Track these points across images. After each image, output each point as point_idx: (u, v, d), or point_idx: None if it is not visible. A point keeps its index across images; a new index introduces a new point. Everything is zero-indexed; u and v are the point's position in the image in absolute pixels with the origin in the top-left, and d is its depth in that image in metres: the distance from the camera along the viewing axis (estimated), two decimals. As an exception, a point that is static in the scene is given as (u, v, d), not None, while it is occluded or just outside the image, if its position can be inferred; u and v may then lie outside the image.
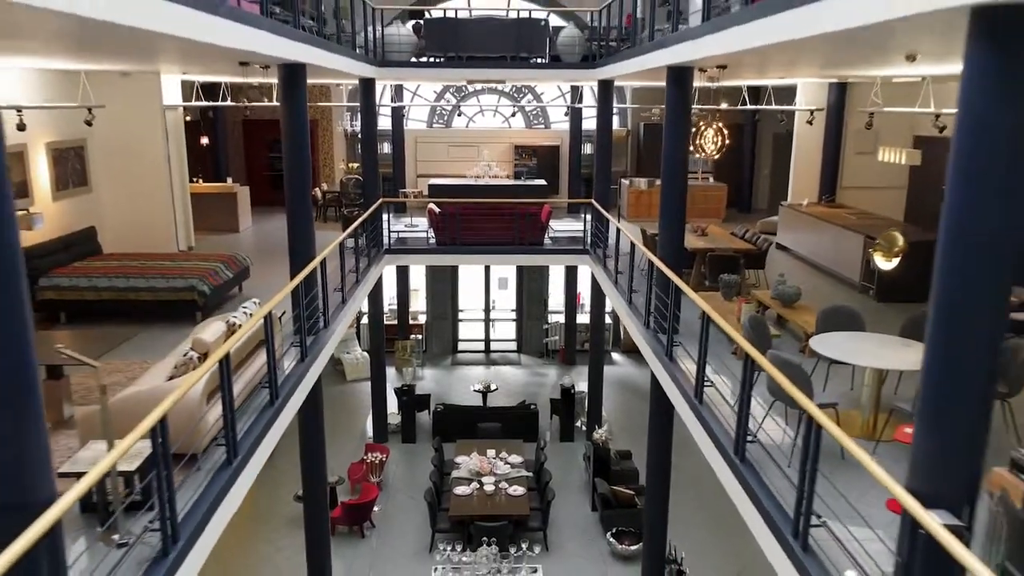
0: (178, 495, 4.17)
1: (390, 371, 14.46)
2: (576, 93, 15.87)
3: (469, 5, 17.26)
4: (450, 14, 12.50)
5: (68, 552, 3.25)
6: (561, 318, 16.06)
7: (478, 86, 16.90)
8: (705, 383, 6.08)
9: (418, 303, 16.85)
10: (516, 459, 11.04)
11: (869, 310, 8.76)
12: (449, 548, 9.20)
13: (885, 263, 5.86)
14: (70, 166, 10.30)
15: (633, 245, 8.67)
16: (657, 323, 7.68)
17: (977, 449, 3.08)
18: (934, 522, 2.88)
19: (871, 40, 4.72)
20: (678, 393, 6.65)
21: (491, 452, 11.14)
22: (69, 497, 3.01)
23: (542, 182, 15.47)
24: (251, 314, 6.25)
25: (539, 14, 12.96)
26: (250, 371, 5.99)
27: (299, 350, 6.92)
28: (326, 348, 7.70)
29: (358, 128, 16.98)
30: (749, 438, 5.14)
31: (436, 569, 9.00)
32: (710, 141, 10.68)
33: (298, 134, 7.00)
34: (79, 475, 3.42)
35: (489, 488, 10.20)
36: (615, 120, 14.74)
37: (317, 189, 15.64)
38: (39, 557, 2.82)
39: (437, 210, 12.32)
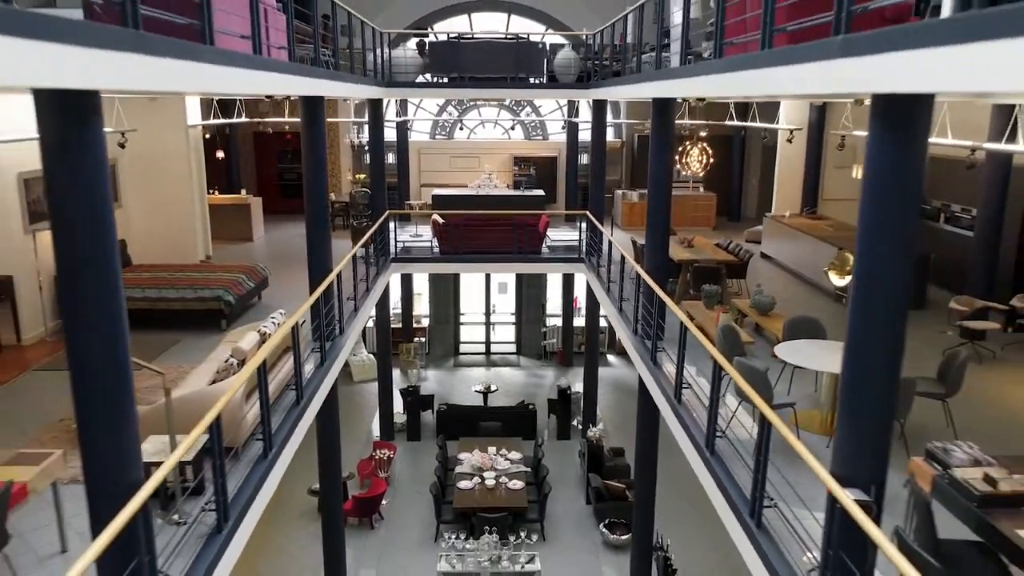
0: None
1: (395, 372, 15.19)
2: (572, 107, 16.60)
3: (471, 26, 18.03)
4: (453, 36, 13.22)
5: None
6: (559, 321, 16.80)
7: (479, 100, 17.65)
8: (684, 385, 6.83)
9: (421, 307, 17.58)
10: (515, 456, 11.79)
11: (840, 318, 9.49)
12: (454, 537, 9.95)
13: (839, 280, 6.59)
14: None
15: (623, 257, 9.41)
16: (644, 330, 8.43)
17: (884, 440, 3.83)
18: (847, 498, 3.63)
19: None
20: (661, 394, 7.39)
21: (492, 449, 11.89)
22: (158, 475, 3.77)
23: (540, 192, 16.21)
24: (279, 324, 6.99)
25: (536, 37, 13.70)
26: (280, 374, 6.73)
27: (319, 355, 7.67)
28: (342, 353, 8.44)
29: (364, 140, 17.74)
30: (719, 434, 5.90)
31: (441, 556, 9.74)
32: (695, 160, 11.42)
33: (318, 158, 7.75)
34: (145, 464, 4.15)
35: (490, 482, 10.94)
36: (611, 132, 15.49)
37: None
38: (137, 524, 3.58)
39: (441, 221, 13.06)
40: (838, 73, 3.53)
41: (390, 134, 16.71)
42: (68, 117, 3.25)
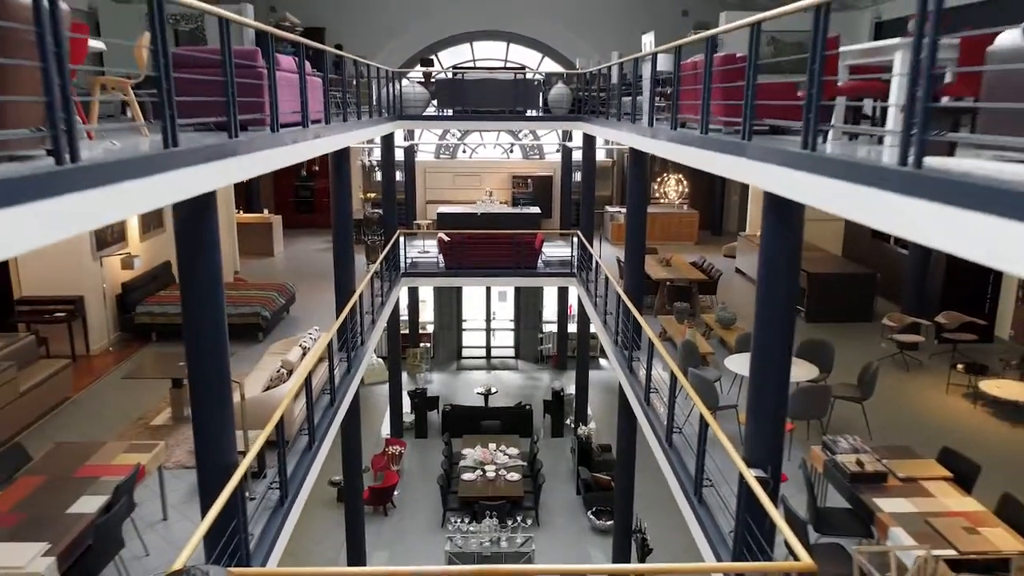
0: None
1: (403, 376, 16.57)
2: (566, 132, 17.98)
3: (472, 53, 19.43)
4: (457, 74, 14.61)
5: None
6: (554, 328, 18.19)
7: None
8: (652, 390, 8.22)
9: (426, 314, 18.96)
10: (513, 451, 13.18)
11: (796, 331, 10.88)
12: (459, 521, 11.35)
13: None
14: (151, 211, 12.47)
15: (607, 278, 10.80)
16: (623, 341, 9.82)
17: (779, 432, 5.22)
18: (749, 475, 5.01)
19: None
20: (635, 397, 8.78)
21: (492, 445, 13.28)
22: (249, 457, 5.15)
23: (536, 209, 17.60)
24: (315, 339, 8.39)
25: (533, 72, 15.07)
26: (315, 380, 8.12)
27: (346, 364, 9.07)
28: (364, 360, 9.85)
29: (374, 160, 19.13)
30: (676, 429, 7.29)
31: (448, 538, 11.14)
32: (672, 189, 12.79)
33: (344, 205, 9.15)
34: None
35: (491, 474, 12.34)
36: (602, 152, 16.85)
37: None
38: (236, 494, 4.97)
39: (446, 238, 14.44)
40: (746, 168, 4.91)
41: (397, 153, 18.12)
42: (195, 211, 4.65)
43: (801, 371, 7.67)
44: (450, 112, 14.10)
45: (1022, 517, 5.11)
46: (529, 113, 14.16)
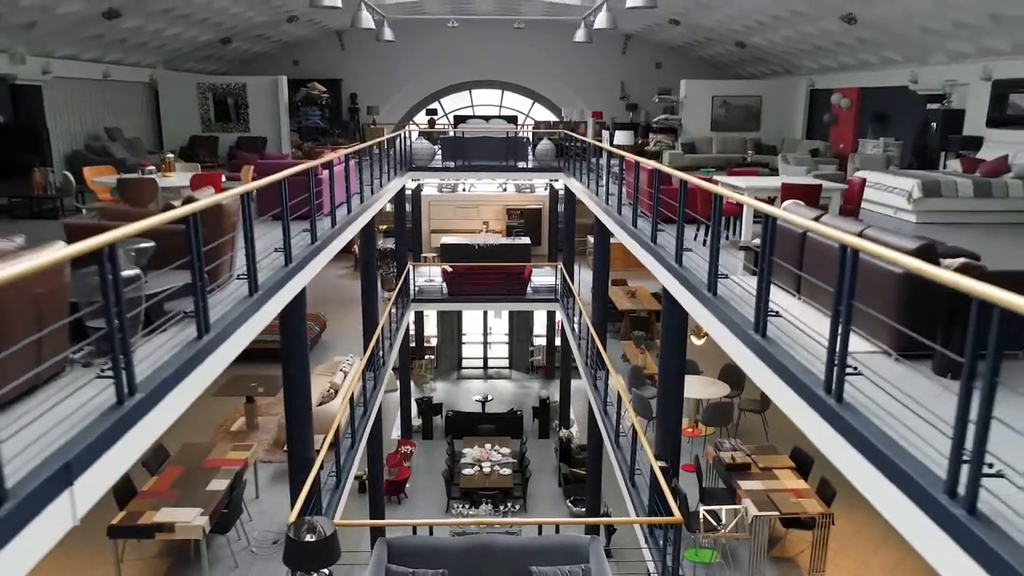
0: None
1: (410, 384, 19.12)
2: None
3: (471, 99, 22.00)
4: (459, 134, 17.23)
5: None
6: (543, 340, 20.76)
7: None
8: (608, 403, 10.81)
9: (430, 328, 21.51)
10: (506, 450, 15.75)
11: (710, 359, 13.37)
12: (460, 507, 13.95)
13: (697, 341, 10.54)
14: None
15: (581, 312, 13.39)
16: (590, 362, 12.41)
17: (676, 434, 7.80)
18: (655, 464, 7.58)
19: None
20: (597, 408, 11.37)
21: (488, 445, 15.84)
22: (322, 454, 7.71)
23: (527, 240, 20.13)
24: (351, 363, 10.98)
25: (522, 124, 17.66)
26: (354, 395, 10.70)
27: (372, 382, 11.65)
28: (385, 377, 12.43)
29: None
30: (623, 433, 9.87)
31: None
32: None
33: (371, 265, 11.72)
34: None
35: (487, 469, 14.91)
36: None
37: (356, 247, 20.34)
38: (318, 480, 7.53)
39: (449, 269, 17.03)
40: (665, 275, 7.48)
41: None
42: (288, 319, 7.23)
43: (714, 389, 10.23)
44: (452, 164, 16.72)
45: (829, 492, 7.72)
46: (520, 164, 16.76)
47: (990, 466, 2.67)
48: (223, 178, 8.72)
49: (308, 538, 5.78)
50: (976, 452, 2.63)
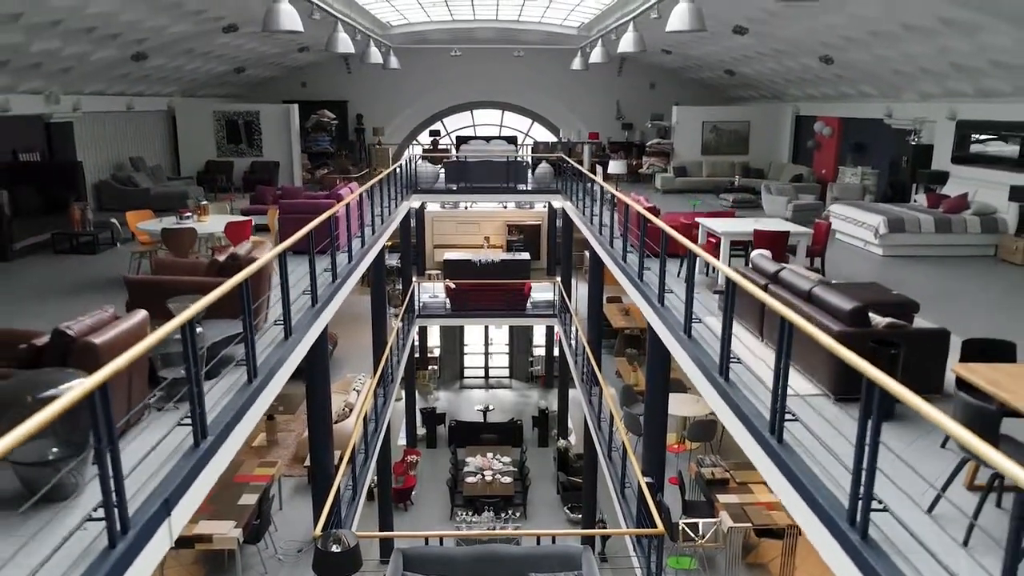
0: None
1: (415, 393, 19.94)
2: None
3: (472, 119, 22.84)
4: (461, 158, 18.07)
5: (333, 492, 8.81)
6: (542, 351, 21.59)
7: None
8: (602, 419, 11.64)
9: (433, 339, 22.34)
10: (507, 459, 16.59)
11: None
12: (463, 514, 14.78)
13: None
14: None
15: (577, 330, 14.23)
16: (585, 377, 13.25)
17: (661, 451, 8.64)
18: (642, 479, 8.41)
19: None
20: (592, 422, 12.20)
21: (489, 454, 16.68)
22: (342, 468, 8.55)
23: (526, 256, 20.94)
24: (363, 382, 11.82)
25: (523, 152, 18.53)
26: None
27: (382, 398, 12.49)
28: (394, 392, 13.27)
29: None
30: (615, 449, 10.70)
31: (456, 527, 14.54)
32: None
33: (382, 288, 12.55)
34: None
35: (488, 477, 15.74)
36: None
37: (361, 261, 21.20)
38: (340, 491, 8.37)
39: (452, 286, 17.86)
40: (650, 313, 8.31)
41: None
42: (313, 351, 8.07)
43: (699, 407, 11.05)
44: (455, 187, 17.57)
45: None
46: (520, 187, 17.61)
47: (880, 502, 3.53)
48: (252, 222, 9.56)
49: (334, 548, 6.60)
50: (866, 490, 3.48)
